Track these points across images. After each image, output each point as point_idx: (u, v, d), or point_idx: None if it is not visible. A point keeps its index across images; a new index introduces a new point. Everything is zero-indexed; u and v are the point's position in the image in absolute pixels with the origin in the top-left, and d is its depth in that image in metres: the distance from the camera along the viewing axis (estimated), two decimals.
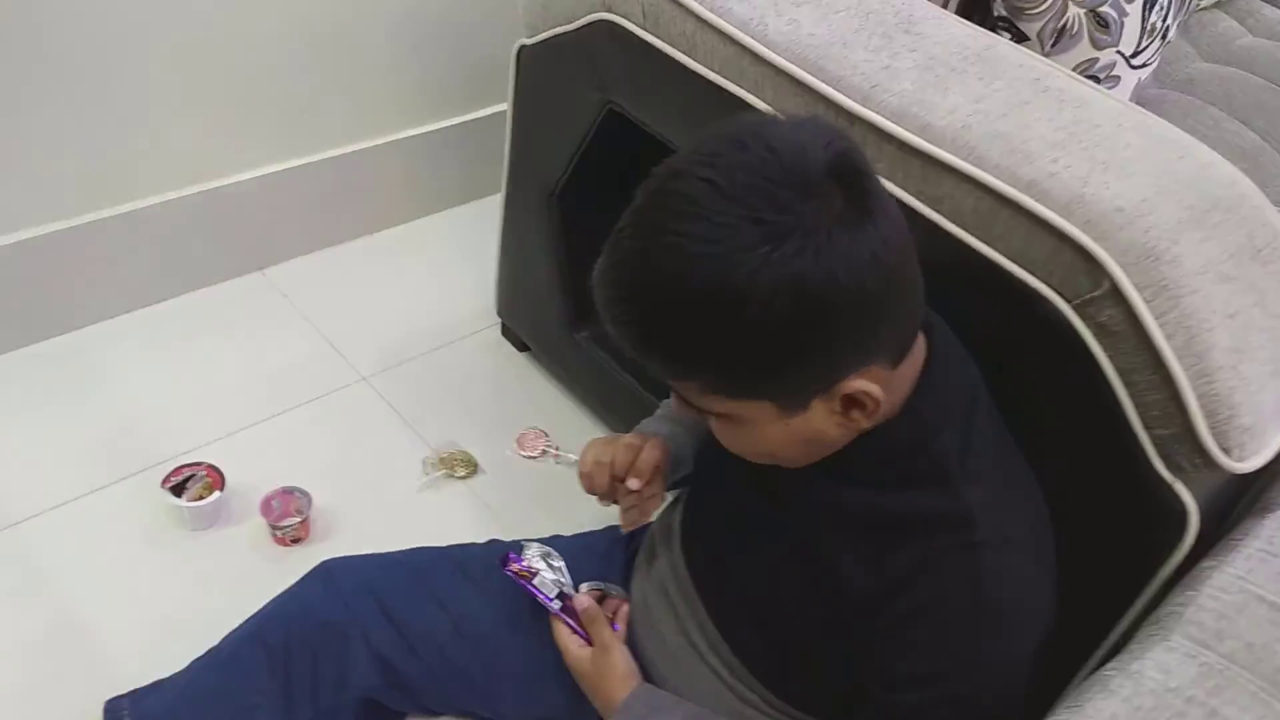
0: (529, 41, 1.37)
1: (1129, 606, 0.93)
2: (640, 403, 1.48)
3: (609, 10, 1.22)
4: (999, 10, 1.26)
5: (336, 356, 1.68)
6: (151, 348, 1.63)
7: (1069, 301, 0.87)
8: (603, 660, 0.95)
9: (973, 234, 0.92)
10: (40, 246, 1.52)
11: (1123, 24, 1.30)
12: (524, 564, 0.99)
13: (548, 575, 0.99)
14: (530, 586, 0.98)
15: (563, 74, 1.34)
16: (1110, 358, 0.86)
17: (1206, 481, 0.89)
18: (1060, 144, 0.90)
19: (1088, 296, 0.86)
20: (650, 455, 0.96)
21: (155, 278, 1.69)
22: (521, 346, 1.75)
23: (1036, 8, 1.24)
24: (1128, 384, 0.86)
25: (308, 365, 1.65)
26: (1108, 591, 0.93)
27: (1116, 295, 0.84)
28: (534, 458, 1.56)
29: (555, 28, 1.31)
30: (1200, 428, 0.83)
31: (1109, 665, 0.79)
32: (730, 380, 0.73)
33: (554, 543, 1.07)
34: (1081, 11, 1.26)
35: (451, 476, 1.50)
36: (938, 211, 0.94)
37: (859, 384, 0.73)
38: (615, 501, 0.99)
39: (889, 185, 0.95)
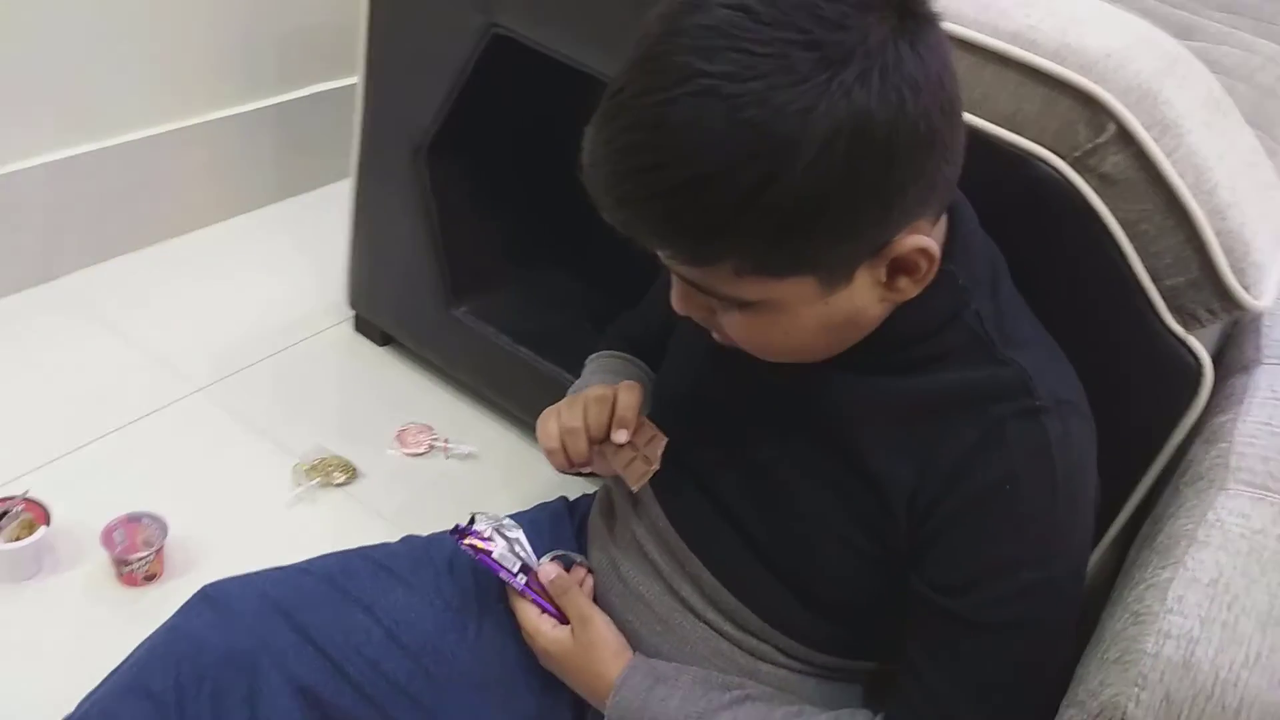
0: None
1: (1148, 468, 0.89)
2: (539, 378, 1.33)
3: None
4: None
5: (161, 367, 1.43)
6: None
7: (1065, 157, 0.82)
8: (585, 635, 0.82)
9: None
10: None
11: None
12: (479, 534, 0.83)
13: (505, 548, 0.84)
14: (488, 561, 0.82)
15: (426, 6, 1.19)
16: (1113, 210, 0.82)
17: (1212, 334, 0.86)
18: (1026, 3, 0.86)
19: (1089, 146, 0.81)
20: (628, 398, 0.82)
21: None
22: (383, 340, 1.55)
23: None
24: (1133, 236, 0.82)
25: (128, 381, 1.39)
26: (1126, 454, 0.89)
27: (1124, 137, 0.79)
28: (421, 454, 1.38)
29: None
30: (1222, 265, 0.79)
31: (1178, 520, 0.73)
32: (773, 252, 0.61)
33: None
34: None
35: (328, 484, 1.29)
36: None
37: (912, 240, 0.63)
38: (592, 473, 0.86)
39: None
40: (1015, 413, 0.69)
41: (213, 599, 0.79)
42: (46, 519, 1.09)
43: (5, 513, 1.08)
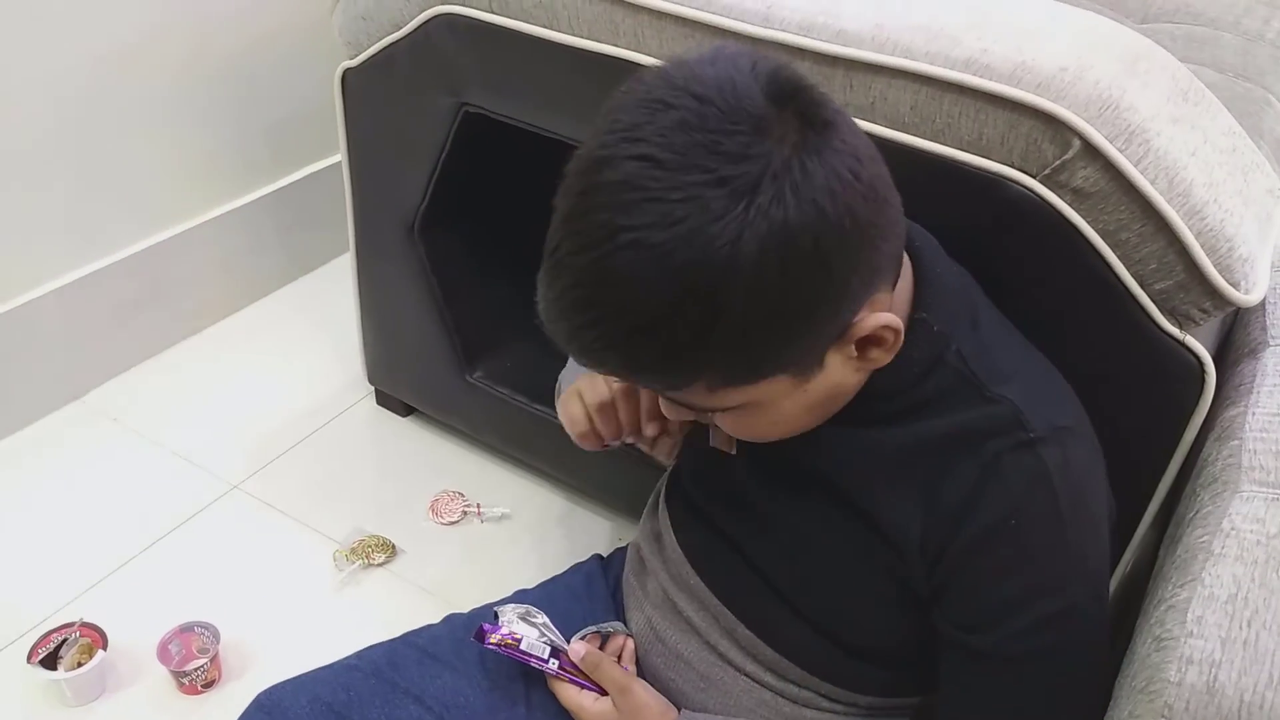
0: (353, 63, 1.23)
1: (1164, 471, 0.89)
2: (559, 431, 1.34)
3: (444, 2, 1.10)
4: None
5: (196, 470, 1.46)
6: None
7: (1035, 176, 0.83)
8: (627, 703, 0.84)
9: (914, 133, 0.87)
10: None
11: None
12: (503, 632, 0.85)
13: (534, 636, 0.86)
14: (518, 654, 0.84)
15: (401, 87, 1.21)
16: (1091, 222, 0.82)
17: (1208, 329, 0.86)
18: (976, 25, 0.86)
19: (1056, 164, 0.81)
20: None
21: None
22: (405, 411, 1.58)
23: None
24: (1115, 245, 0.82)
25: (165, 487, 1.43)
26: (1140, 460, 0.89)
27: (1090, 151, 0.79)
28: (455, 522, 1.40)
29: (382, 39, 1.18)
30: (1206, 266, 0.79)
31: (1194, 531, 0.73)
32: (738, 367, 0.63)
33: (525, 598, 0.93)
34: None
35: (370, 565, 1.31)
36: (871, 120, 0.88)
37: (873, 320, 0.65)
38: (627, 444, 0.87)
39: None
40: (1011, 447, 0.70)
41: (267, 709, 0.82)
42: (104, 642, 1.12)
43: (64, 640, 1.11)
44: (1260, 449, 0.78)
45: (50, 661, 1.10)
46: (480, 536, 1.39)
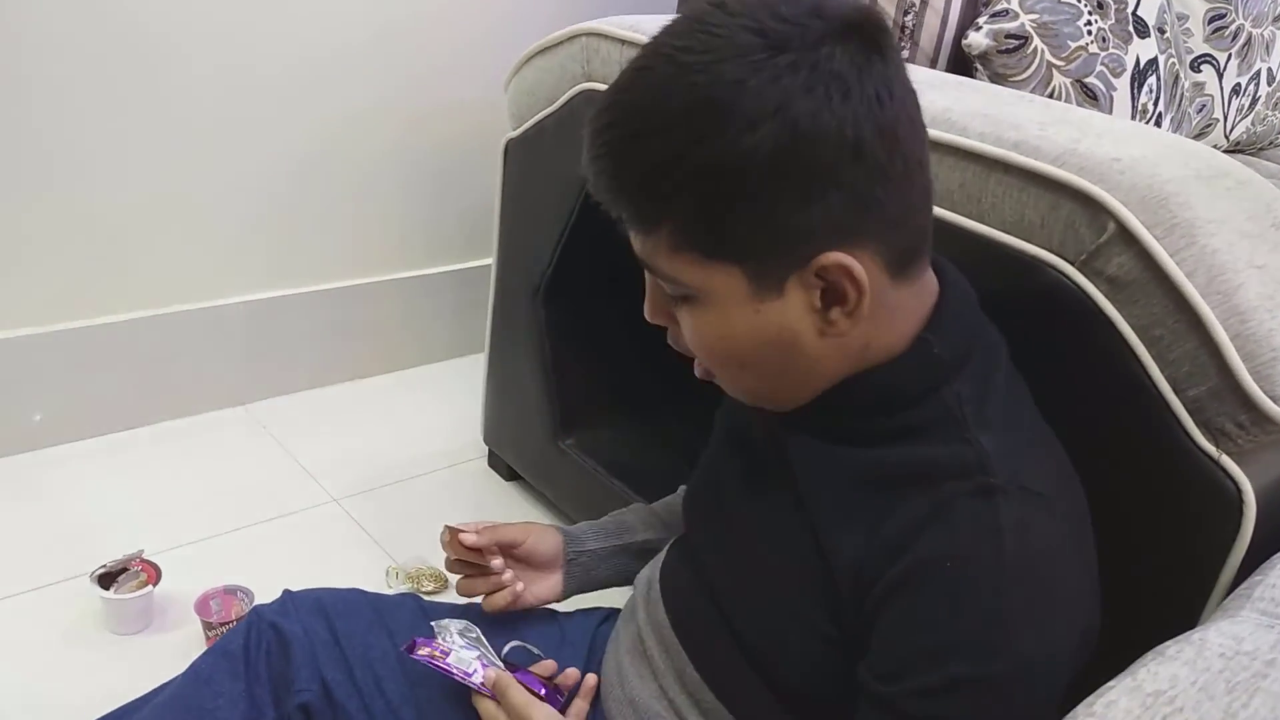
0: (514, 134, 1.38)
1: (1201, 609, 0.77)
2: None
3: (589, 79, 1.23)
4: (981, 79, 1.26)
5: (308, 479, 1.58)
6: (116, 471, 1.55)
7: (1072, 262, 0.79)
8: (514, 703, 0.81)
9: (961, 212, 0.86)
10: (4, 351, 1.48)
11: (1111, 98, 1.29)
12: (434, 645, 0.86)
13: (466, 653, 0.86)
14: (444, 667, 0.84)
15: (548, 158, 1.34)
16: (1125, 315, 0.77)
17: (1264, 458, 0.76)
18: (1047, 122, 0.86)
19: (1092, 248, 0.78)
20: (512, 532, 0.94)
21: (129, 402, 1.63)
22: (510, 475, 1.64)
23: (1020, 73, 1.24)
24: (1148, 341, 0.76)
25: (276, 486, 1.56)
26: (1172, 593, 0.78)
27: (1125, 236, 0.76)
28: None
29: (540, 112, 1.32)
30: (1240, 371, 0.72)
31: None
32: (701, 224, 0.64)
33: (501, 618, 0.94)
34: (1067, 81, 1.26)
35: (418, 590, 1.35)
36: None
37: (838, 256, 0.63)
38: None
39: None
40: (968, 491, 0.65)
41: (288, 596, 0.92)
42: (157, 579, 1.22)
43: (125, 569, 1.22)
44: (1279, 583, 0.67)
45: (106, 582, 1.20)
46: None
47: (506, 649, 0.88)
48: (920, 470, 0.67)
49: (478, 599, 0.94)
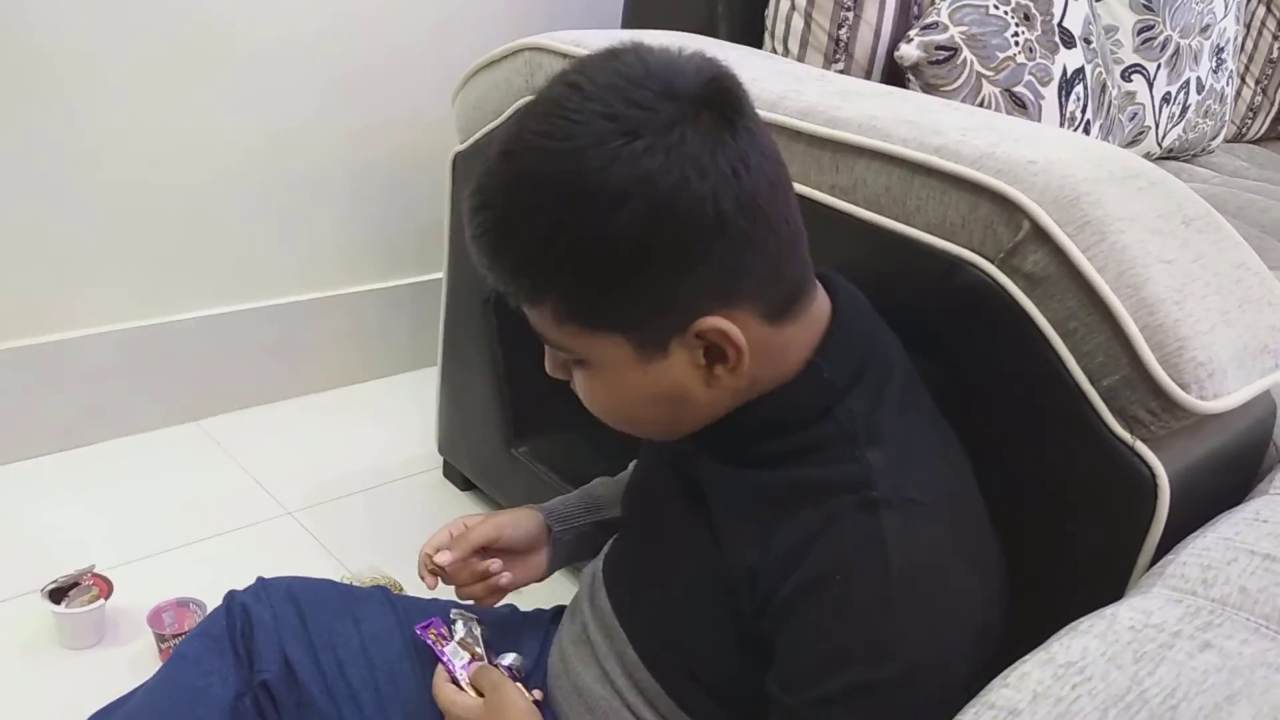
0: (462, 148, 1.40)
1: (1121, 591, 0.80)
2: None
3: (533, 93, 1.25)
4: (914, 89, 1.30)
5: (262, 493, 1.59)
6: (67, 488, 1.55)
7: (991, 260, 0.83)
8: (496, 698, 0.83)
9: (887, 214, 0.90)
10: None
11: (1040, 106, 1.34)
12: (441, 631, 0.90)
13: (463, 650, 0.89)
14: (439, 652, 0.88)
15: None
16: (1042, 310, 0.81)
17: (1177, 444, 0.80)
18: (969, 128, 0.90)
19: (1010, 246, 0.81)
20: (482, 532, 0.92)
21: (80, 420, 1.62)
22: (465, 485, 1.65)
23: (951, 84, 1.28)
24: (1064, 335, 0.80)
25: (229, 500, 1.56)
26: (1095, 579, 0.82)
27: (1039, 234, 0.79)
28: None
29: (486, 125, 1.34)
30: (1149, 359, 0.75)
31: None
32: (580, 301, 0.67)
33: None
34: (996, 90, 1.30)
35: None
36: (851, 201, 0.92)
37: (715, 322, 0.66)
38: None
39: (801, 188, 0.93)
40: (854, 505, 0.68)
41: (261, 582, 0.95)
42: (108, 592, 1.22)
43: (77, 584, 1.22)
44: (1193, 561, 0.71)
45: (57, 597, 1.20)
46: None
47: (498, 661, 0.90)
48: (810, 486, 0.70)
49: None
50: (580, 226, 0.64)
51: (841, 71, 1.29)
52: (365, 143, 1.79)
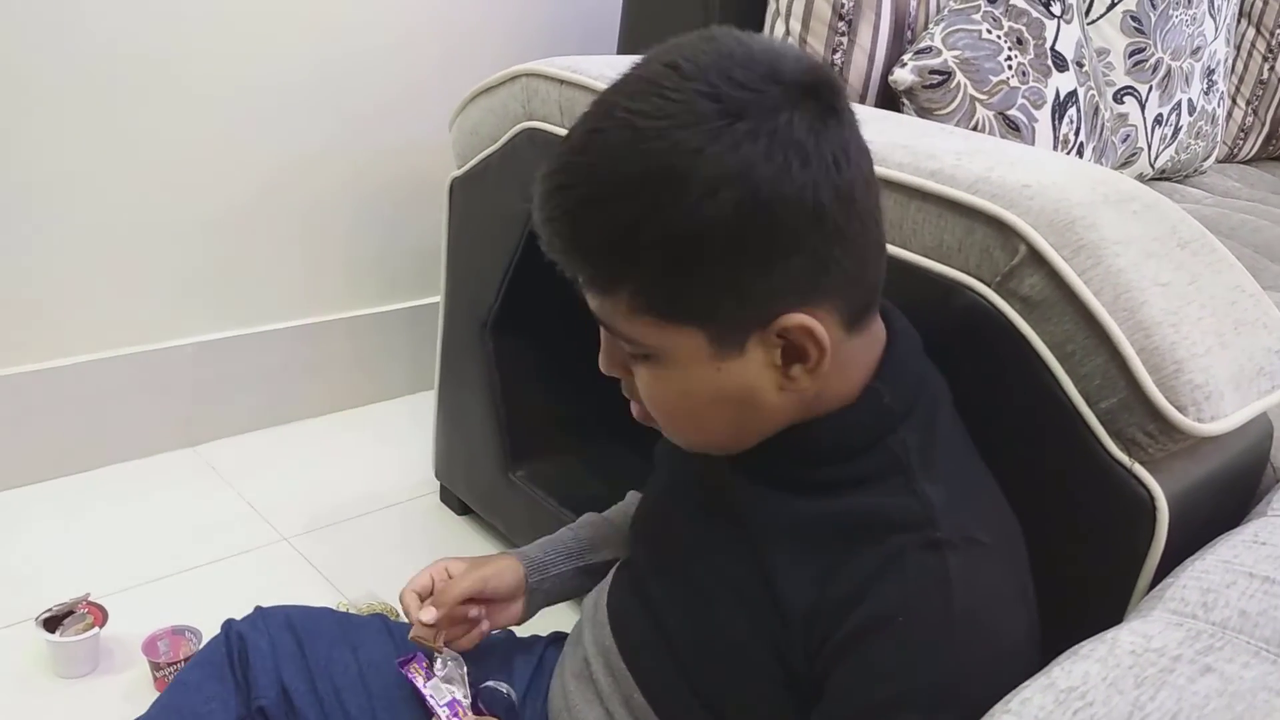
0: (459, 173, 1.41)
1: (1119, 619, 0.80)
2: None
3: (530, 118, 1.26)
4: (908, 113, 1.30)
5: (258, 518, 1.58)
6: (62, 515, 1.54)
7: (988, 283, 0.83)
8: None
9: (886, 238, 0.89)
10: None
11: (1033, 129, 1.35)
12: (422, 665, 0.89)
13: (443, 685, 0.88)
14: (419, 689, 0.86)
15: (490, 196, 1.36)
16: (1039, 333, 0.81)
17: (1175, 466, 0.80)
18: (964, 152, 0.90)
19: (1006, 270, 0.82)
20: (464, 587, 0.89)
21: (76, 446, 1.61)
22: (462, 510, 1.65)
23: (945, 107, 1.29)
24: (1062, 357, 0.80)
25: (225, 526, 1.55)
26: (1095, 603, 0.81)
27: (1035, 258, 0.80)
28: None
29: (483, 151, 1.34)
30: (1146, 382, 0.75)
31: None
32: (661, 289, 0.65)
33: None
34: (990, 114, 1.31)
35: None
36: None
37: (800, 318, 0.64)
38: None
39: None
40: (917, 544, 0.66)
41: (259, 611, 0.94)
42: (103, 621, 1.21)
43: (71, 612, 1.21)
44: (1192, 584, 0.71)
45: (52, 626, 1.19)
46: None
47: (481, 687, 0.90)
48: (868, 521, 0.68)
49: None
50: (672, 210, 0.61)
51: None
52: (367, 171, 1.80)
